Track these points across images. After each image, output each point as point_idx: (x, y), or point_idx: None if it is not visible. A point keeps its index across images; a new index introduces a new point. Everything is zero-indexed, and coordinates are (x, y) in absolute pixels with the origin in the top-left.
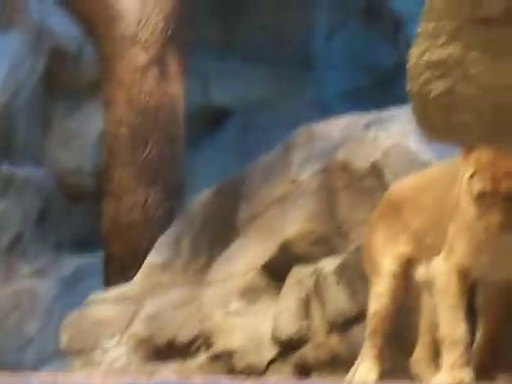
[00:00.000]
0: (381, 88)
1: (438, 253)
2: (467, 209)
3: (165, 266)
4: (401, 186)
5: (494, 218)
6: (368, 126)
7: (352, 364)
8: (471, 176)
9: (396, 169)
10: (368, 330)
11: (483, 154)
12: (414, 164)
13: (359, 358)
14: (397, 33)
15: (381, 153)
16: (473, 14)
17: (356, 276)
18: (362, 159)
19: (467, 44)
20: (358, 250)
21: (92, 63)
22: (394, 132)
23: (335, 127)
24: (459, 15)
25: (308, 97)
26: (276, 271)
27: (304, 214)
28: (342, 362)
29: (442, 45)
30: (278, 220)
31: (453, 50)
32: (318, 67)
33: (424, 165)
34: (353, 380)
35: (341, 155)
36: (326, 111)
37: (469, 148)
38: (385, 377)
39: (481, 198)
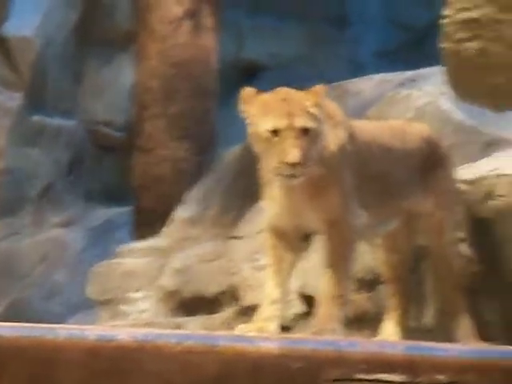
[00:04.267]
0: (415, 47)
1: None
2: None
3: (193, 220)
4: None
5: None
6: (401, 85)
7: (378, 321)
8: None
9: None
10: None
11: (267, 95)
12: (447, 123)
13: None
14: None
15: (414, 111)
16: None
17: None
18: (394, 117)
19: (502, 6)
20: None
21: (126, 15)
22: (427, 91)
23: (368, 85)
24: None
25: (342, 54)
26: None
27: None
28: (369, 320)
29: (477, 5)
30: None
31: (487, 10)
32: (353, 25)
33: (456, 124)
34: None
35: (373, 113)
36: (360, 69)
37: (249, 95)
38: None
39: (275, 135)
